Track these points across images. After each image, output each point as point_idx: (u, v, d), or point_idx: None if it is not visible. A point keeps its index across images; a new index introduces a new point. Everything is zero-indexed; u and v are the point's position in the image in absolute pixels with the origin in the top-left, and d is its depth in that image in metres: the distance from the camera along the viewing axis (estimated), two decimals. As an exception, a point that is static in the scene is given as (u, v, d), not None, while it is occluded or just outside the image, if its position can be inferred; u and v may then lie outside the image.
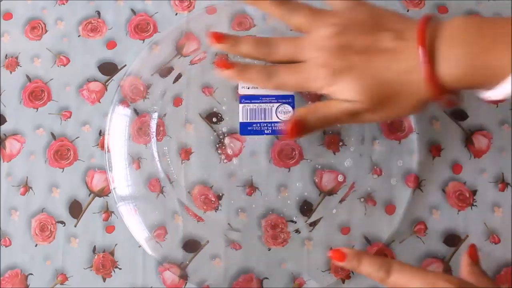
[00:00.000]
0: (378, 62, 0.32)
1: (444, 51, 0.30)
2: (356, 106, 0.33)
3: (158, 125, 0.41)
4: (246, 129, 0.40)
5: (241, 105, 0.40)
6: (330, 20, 0.34)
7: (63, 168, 0.42)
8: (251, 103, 0.40)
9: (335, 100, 0.34)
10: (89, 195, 0.42)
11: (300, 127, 0.34)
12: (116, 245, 0.41)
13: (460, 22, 0.31)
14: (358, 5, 0.35)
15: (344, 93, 0.33)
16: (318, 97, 0.42)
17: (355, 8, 0.34)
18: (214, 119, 0.42)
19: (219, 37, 0.36)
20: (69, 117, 0.43)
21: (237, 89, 0.40)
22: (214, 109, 0.42)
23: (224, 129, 0.41)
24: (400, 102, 0.33)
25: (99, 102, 0.44)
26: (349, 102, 0.33)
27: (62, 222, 0.41)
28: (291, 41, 0.35)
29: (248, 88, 0.40)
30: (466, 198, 0.41)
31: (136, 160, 0.41)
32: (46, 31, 0.45)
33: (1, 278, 0.40)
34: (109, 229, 0.41)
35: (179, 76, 0.43)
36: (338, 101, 0.33)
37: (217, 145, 0.41)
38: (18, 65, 0.45)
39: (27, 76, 0.44)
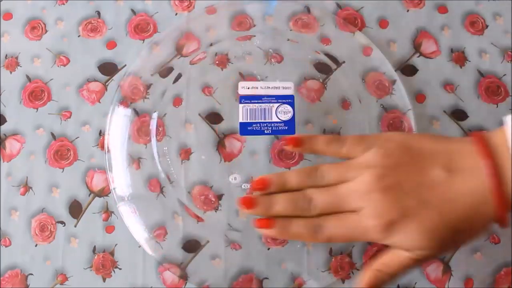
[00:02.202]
0: (434, 201, 0.29)
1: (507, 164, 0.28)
2: (426, 253, 0.30)
3: (158, 125, 0.41)
4: (246, 129, 0.40)
5: (241, 105, 0.40)
6: (364, 163, 0.31)
7: (63, 168, 0.42)
8: (251, 103, 0.40)
9: (402, 251, 0.31)
10: (89, 195, 0.42)
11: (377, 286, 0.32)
12: (116, 245, 0.41)
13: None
14: (385, 141, 0.32)
15: (407, 244, 0.30)
16: (318, 96, 0.42)
17: (386, 146, 0.32)
18: (214, 119, 0.42)
19: (252, 203, 0.33)
20: (69, 117, 0.43)
21: (237, 89, 0.40)
22: (214, 109, 0.42)
23: (224, 129, 0.41)
24: (471, 233, 0.31)
25: (99, 102, 0.44)
26: (416, 251, 0.30)
27: (62, 222, 0.41)
28: (328, 192, 0.32)
29: (248, 88, 0.40)
30: (466, 198, 0.41)
31: (136, 160, 0.41)
32: (46, 31, 0.45)
33: (1, 278, 0.40)
34: (109, 229, 0.41)
35: (179, 76, 0.43)
36: (405, 250, 0.31)
37: (217, 145, 0.41)
38: (18, 65, 0.45)
39: (27, 76, 0.44)
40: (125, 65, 0.44)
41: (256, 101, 0.40)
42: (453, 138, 0.32)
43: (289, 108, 0.40)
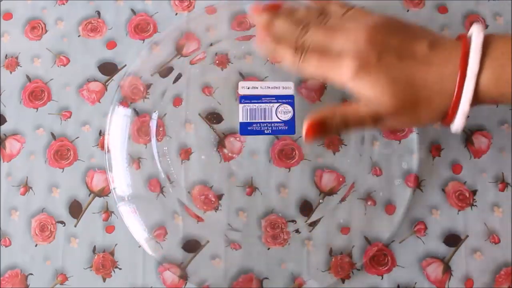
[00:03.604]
0: (412, 66, 0.31)
1: (488, 64, 0.30)
2: (381, 108, 0.32)
3: (158, 125, 0.41)
4: (246, 129, 0.40)
5: (241, 105, 0.40)
6: (363, 20, 0.33)
7: (63, 168, 0.42)
8: (251, 103, 0.40)
9: (358, 102, 0.32)
10: (89, 195, 0.42)
11: (321, 129, 0.32)
12: (116, 245, 0.41)
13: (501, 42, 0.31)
14: (392, 17, 0.34)
15: (371, 89, 0.31)
16: (318, 96, 0.42)
17: (390, 18, 0.34)
18: (214, 119, 0.42)
19: (261, 8, 0.36)
20: (69, 117, 0.43)
21: (237, 89, 0.40)
22: (214, 109, 0.42)
23: (224, 129, 0.41)
24: (426, 110, 0.32)
25: (99, 102, 0.44)
26: (373, 104, 0.32)
27: (62, 222, 0.41)
28: (325, 28, 0.34)
29: (248, 88, 0.40)
30: (466, 198, 0.41)
31: (136, 160, 0.41)
32: (46, 31, 0.45)
33: (1, 278, 0.40)
34: (109, 229, 0.41)
35: (179, 76, 0.43)
36: (362, 103, 0.32)
37: (217, 145, 0.41)
38: (18, 65, 0.45)
39: (27, 76, 0.44)
40: (125, 65, 0.44)
41: (256, 101, 0.40)
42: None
43: (289, 108, 0.40)
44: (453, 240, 0.40)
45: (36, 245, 0.41)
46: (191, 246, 0.40)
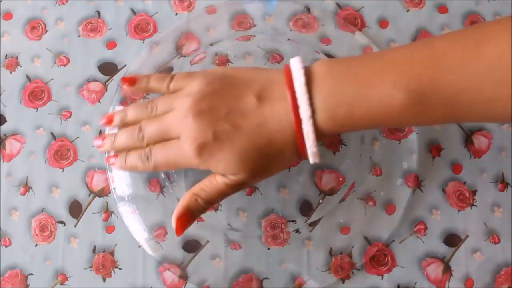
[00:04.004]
0: (245, 126, 0.31)
1: (316, 93, 0.30)
2: (239, 178, 0.32)
3: (158, 125, 0.41)
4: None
5: (241, 105, 0.40)
6: (186, 92, 0.33)
7: (63, 168, 0.42)
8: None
9: (218, 175, 0.33)
10: (89, 195, 0.42)
11: (188, 218, 0.33)
12: (116, 245, 0.41)
13: (320, 66, 0.31)
14: (210, 73, 0.34)
15: (220, 167, 0.32)
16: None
17: (209, 77, 0.33)
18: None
19: (99, 139, 0.37)
20: (69, 117, 0.43)
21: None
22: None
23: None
24: (280, 161, 0.32)
25: (99, 102, 0.44)
26: (229, 176, 0.32)
27: (62, 222, 0.41)
28: (156, 122, 0.34)
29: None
30: (466, 198, 0.41)
31: (136, 160, 0.41)
32: (46, 31, 0.45)
33: (1, 278, 0.40)
34: (109, 229, 0.41)
35: (179, 76, 0.43)
36: (221, 176, 0.32)
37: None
38: (18, 65, 0.45)
39: (27, 76, 0.44)
40: (125, 65, 0.44)
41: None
42: (271, 69, 0.33)
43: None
44: (453, 240, 0.40)
45: (36, 245, 0.41)
46: (191, 246, 0.40)
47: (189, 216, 0.33)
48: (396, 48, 0.32)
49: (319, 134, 0.30)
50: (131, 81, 0.36)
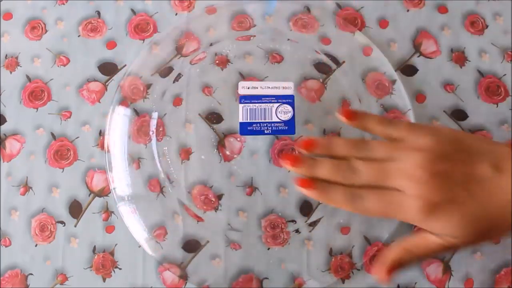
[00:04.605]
0: (480, 194, 0.30)
1: None
2: (457, 241, 0.31)
3: (158, 125, 0.41)
4: (246, 129, 0.40)
5: (241, 105, 0.40)
6: (414, 146, 0.32)
7: (63, 168, 0.42)
8: (251, 103, 0.40)
9: (432, 235, 0.32)
10: (89, 195, 0.42)
11: (398, 269, 0.32)
12: (116, 245, 0.41)
13: None
14: (437, 132, 0.33)
15: (444, 230, 0.31)
16: (318, 96, 0.42)
17: (438, 136, 0.32)
18: (214, 119, 0.42)
19: (296, 161, 0.33)
20: (69, 117, 0.43)
21: (237, 89, 0.40)
22: (214, 109, 0.42)
23: (224, 129, 0.41)
24: (501, 230, 0.31)
25: (99, 102, 0.44)
26: (447, 238, 0.31)
27: (62, 222, 0.41)
28: (375, 166, 0.32)
29: (248, 88, 0.40)
30: (466, 198, 0.41)
31: (136, 160, 0.41)
32: (46, 31, 0.45)
33: (1, 278, 0.40)
34: (109, 229, 0.41)
35: (179, 76, 0.43)
36: (436, 236, 0.31)
37: (217, 145, 0.41)
38: (18, 65, 0.45)
39: (27, 76, 0.44)
40: (125, 65, 0.44)
41: (256, 101, 0.40)
42: (499, 142, 0.33)
43: (289, 108, 0.40)
44: (453, 240, 0.40)
45: (36, 245, 0.41)
46: (191, 246, 0.40)
47: (399, 267, 0.32)
48: None
49: None
50: (351, 115, 0.35)
